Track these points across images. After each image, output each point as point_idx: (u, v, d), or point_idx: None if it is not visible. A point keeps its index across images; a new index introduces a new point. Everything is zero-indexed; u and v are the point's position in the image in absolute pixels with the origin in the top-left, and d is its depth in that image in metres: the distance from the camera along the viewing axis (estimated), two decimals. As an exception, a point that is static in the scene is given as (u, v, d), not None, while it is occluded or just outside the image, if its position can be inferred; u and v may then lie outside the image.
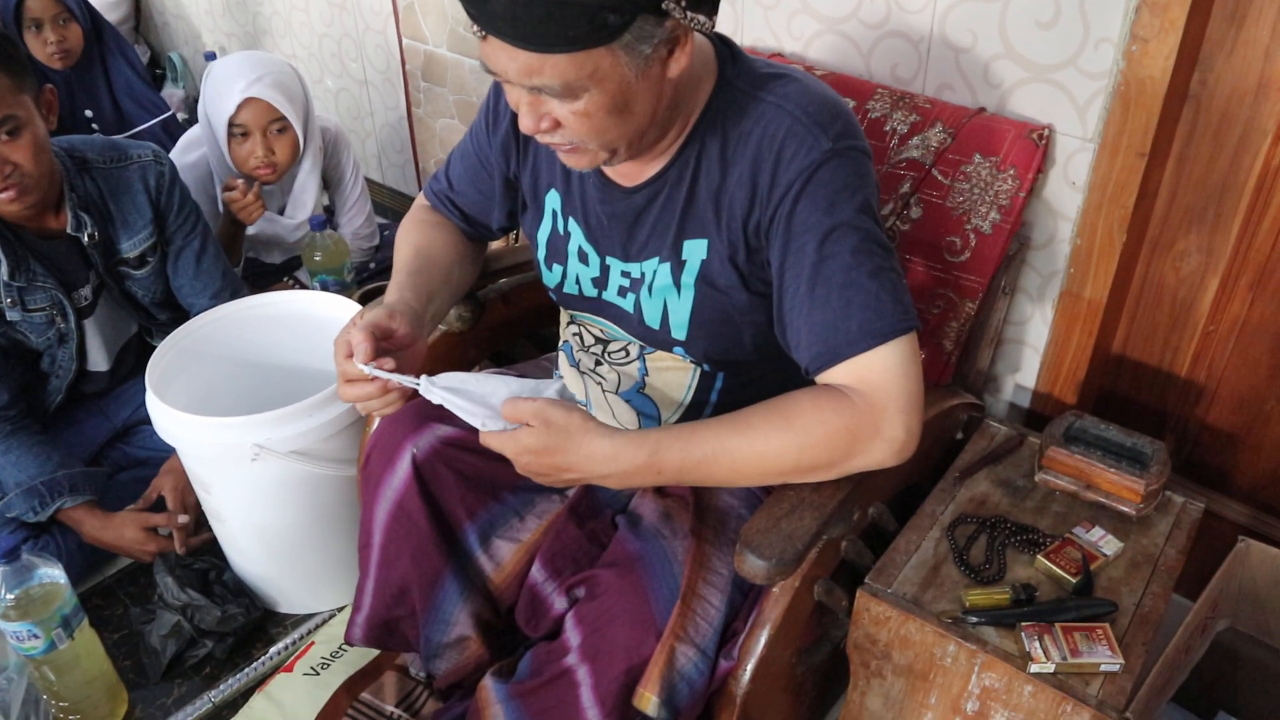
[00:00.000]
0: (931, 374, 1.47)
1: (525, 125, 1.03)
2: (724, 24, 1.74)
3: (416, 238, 1.36)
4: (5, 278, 1.67)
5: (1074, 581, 1.25)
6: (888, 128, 1.49)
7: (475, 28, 0.97)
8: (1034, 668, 1.16)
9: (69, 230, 1.70)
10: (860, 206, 1.06)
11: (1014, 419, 1.69)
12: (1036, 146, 1.40)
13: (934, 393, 1.45)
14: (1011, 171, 1.40)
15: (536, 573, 1.29)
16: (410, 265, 1.29)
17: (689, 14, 0.97)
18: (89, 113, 2.75)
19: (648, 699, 1.11)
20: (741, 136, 1.10)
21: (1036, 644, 1.17)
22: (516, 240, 1.64)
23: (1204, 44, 1.34)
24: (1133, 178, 1.39)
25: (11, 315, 1.70)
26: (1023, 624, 1.20)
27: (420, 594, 1.33)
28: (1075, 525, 1.35)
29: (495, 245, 1.63)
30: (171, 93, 3.23)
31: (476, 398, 1.07)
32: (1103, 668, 1.16)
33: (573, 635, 1.17)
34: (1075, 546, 1.30)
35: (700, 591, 1.15)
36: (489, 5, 0.92)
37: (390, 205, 2.80)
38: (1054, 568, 1.28)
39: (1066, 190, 1.46)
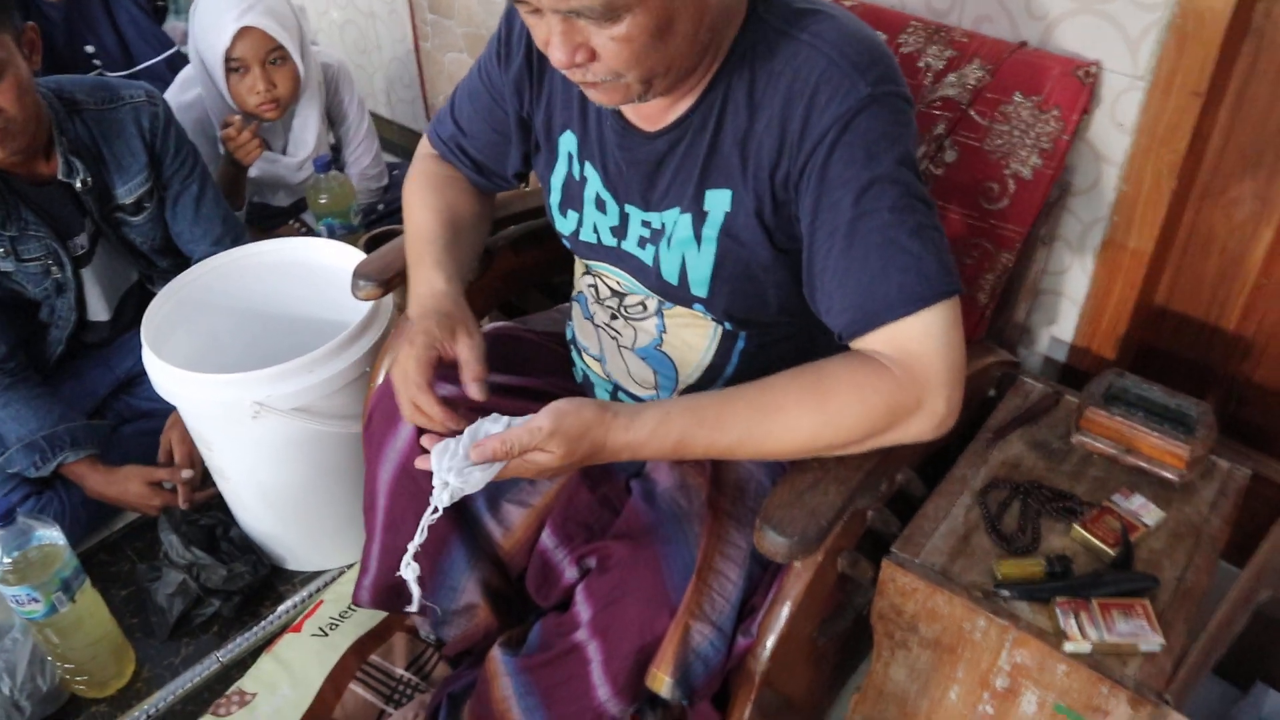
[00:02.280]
0: (965, 328, 1.39)
1: (558, 59, 0.94)
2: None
3: (435, 200, 1.28)
4: (-4, 227, 1.61)
5: (1112, 554, 1.19)
6: (921, 63, 1.39)
7: None
8: (1069, 646, 1.09)
9: (60, 176, 1.64)
10: (900, 158, 0.98)
11: (1049, 374, 1.61)
12: (1082, 85, 1.30)
13: (968, 349, 1.37)
14: (1055, 112, 1.30)
15: (547, 539, 1.24)
16: (440, 236, 1.23)
17: None
18: (90, 47, 2.64)
19: (661, 679, 1.06)
20: (771, 77, 1.00)
21: (1072, 621, 1.11)
22: (527, 184, 1.56)
23: (1271, -29, 1.23)
24: (1185, 119, 1.29)
25: (4, 265, 1.65)
26: (1057, 599, 1.13)
27: (426, 560, 1.27)
28: (1114, 492, 1.28)
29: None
30: (174, 25, 3.11)
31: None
32: (1142, 647, 1.09)
33: (583, 609, 1.12)
34: (1114, 515, 1.23)
35: (717, 566, 1.10)
36: None
37: (399, 141, 2.71)
38: (1091, 538, 1.21)
39: (1113, 132, 1.36)
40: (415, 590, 1.08)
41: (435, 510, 1.03)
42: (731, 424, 0.99)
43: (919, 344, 0.97)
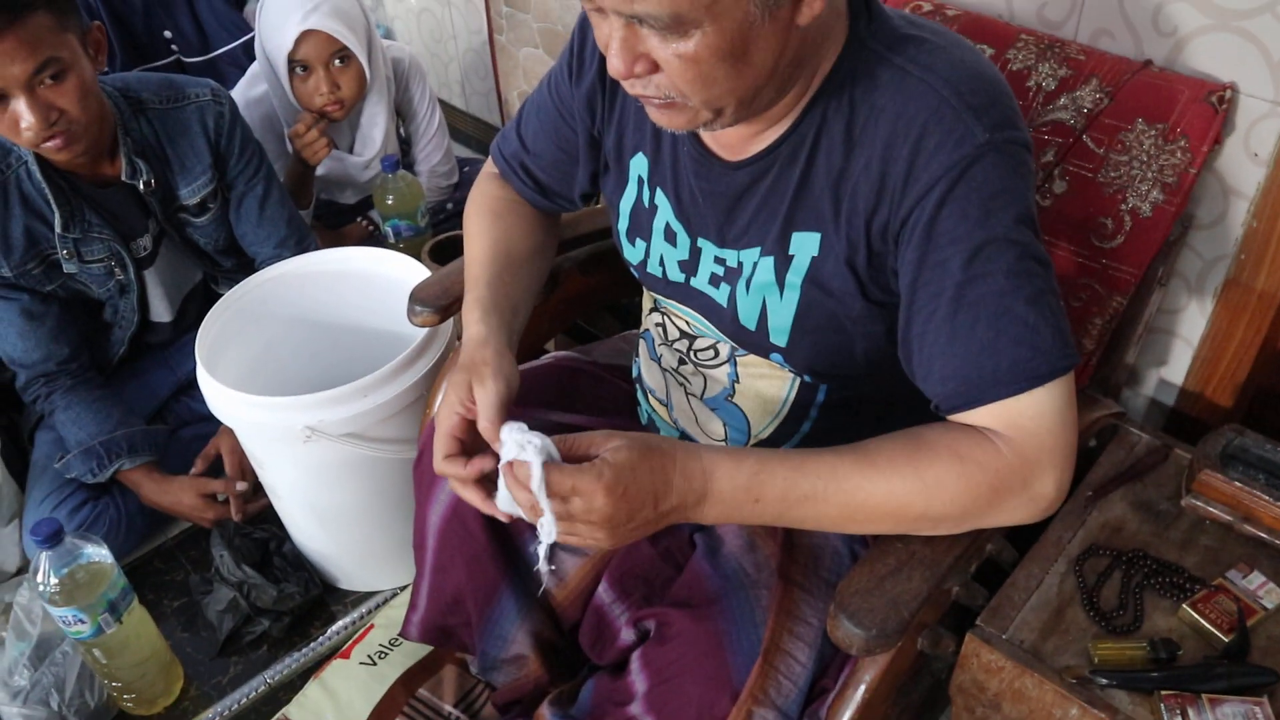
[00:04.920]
0: (1066, 377, 1.28)
1: (615, 67, 0.84)
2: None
3: (492, 229, 1.19)
4: (59, 229, 1.58)
5: (1226, 640, 1.07)
6: (1031, 83, 1.26)
7: None
8: (1175, 749, 0.98)
9: (124, 177, 1.60)
10: (1020, 215, 0.87)
11: (1155, 419, 1.48)
12: (1215, 112, 1.16)
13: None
14: (1182, 143, 1.17)
15: (604, 592, 1.16)
16: (488, 270, 1.14)
17: None
18: (168, 33, 2.62)
19: (720, 766, 0.98)
20: (873, 112, 0.89)
21: (1178, 718, 1.00)
22: (597, 202, 1.47)
23: None
24: (1332, 152, 1.15)
25: (69, 267, 1.62)
26: (1162, 691, 1.02)
27: (475, 606, 1.22)
28: (1229, 566, 1.15)
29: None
30: (252, 10, 3.10)
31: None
32: (1260, 755, 0.98)
33: (639, 680, 1.04)
34: (1229, 595, 1.11)
35: (785, 646, 1.01)
36: None
37: (474, 134, 2.65)
38: (1202, 621, 1.09)
39: (1245, 163, 1.22)
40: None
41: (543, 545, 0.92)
42: (814, 468, 0.89)
43: (1031, 421, 0.87)
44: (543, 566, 0.93)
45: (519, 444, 0.88)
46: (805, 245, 0.96)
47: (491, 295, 1.11)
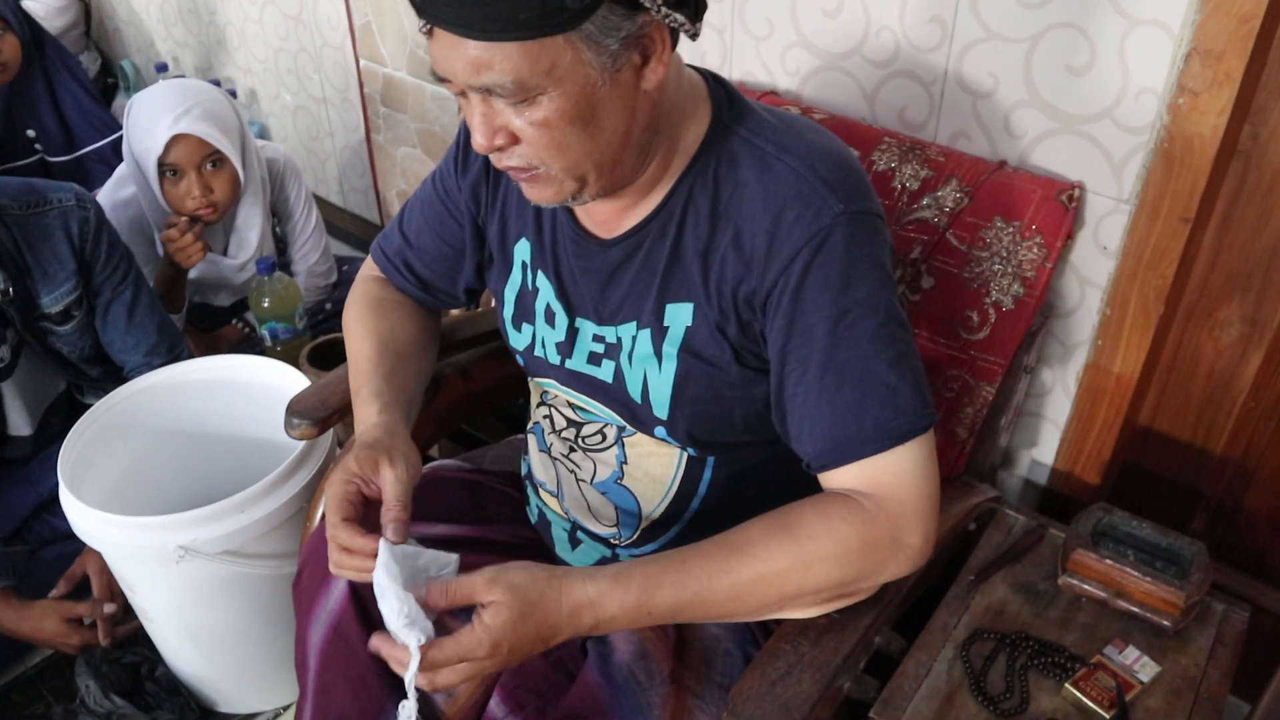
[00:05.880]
0: (943, 464, 1.30)
1: (478, 142, 0.89)
2: (711, 56, 1.57)
3: (377, 325, 1.19)
4: (-95, 341, 1.49)
5: (1107, 716, 1.10)
6: (896, 183, 1.32)
7: (422, 23, 0.85)
8: (1067, 834, 1.00)
9: (-21, 287, 1.53)
10: (879, 281, 0.93)
11: (1030, 498, 1.53)
12: (1066, 210, 1.23)
13: (949, 489, 1.28)
14: (1038, 239, 1.23)
15: (495, 706, 1.13)
16: (380, 364, 1.14)
17: (663, 8, 0.84)
18: (31, 132, 2.55)
19: None
20: (737, 187, 0.95)
21: (1069, 800, 1.02)
22: (477, 305, 1.47)
23: (1258, 92, 1.18)
24: (1174, 244, 1.23)
25: (-84, 381, 1.53)
26: (1053, 774, 1.04)
27: (359, 727, 1.17)
28: (1106, 642, 1.19)
29: (452, 313, 1.46)
30: (124, 103, 3.03)
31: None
32: (1146, 832, 1.00)
33: (532, 796, 1.01)
34: (1108, 672, 1.15)
35: (681, 754, 0.99)
36: None
37: (353, 231, 2.62)
38: (1084, 699, 1.12)
39: (1097, 255, 1.29)
40: None
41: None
42: (696, 566, 0.92)
43: (894, 478, 0.93)
44: None
45: (404, 617, 0.88)
46: (679, 316, 1.00)
47: (389, 389, 1.11)
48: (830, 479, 0.95)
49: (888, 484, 0.93)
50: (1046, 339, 1.38)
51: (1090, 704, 1.11)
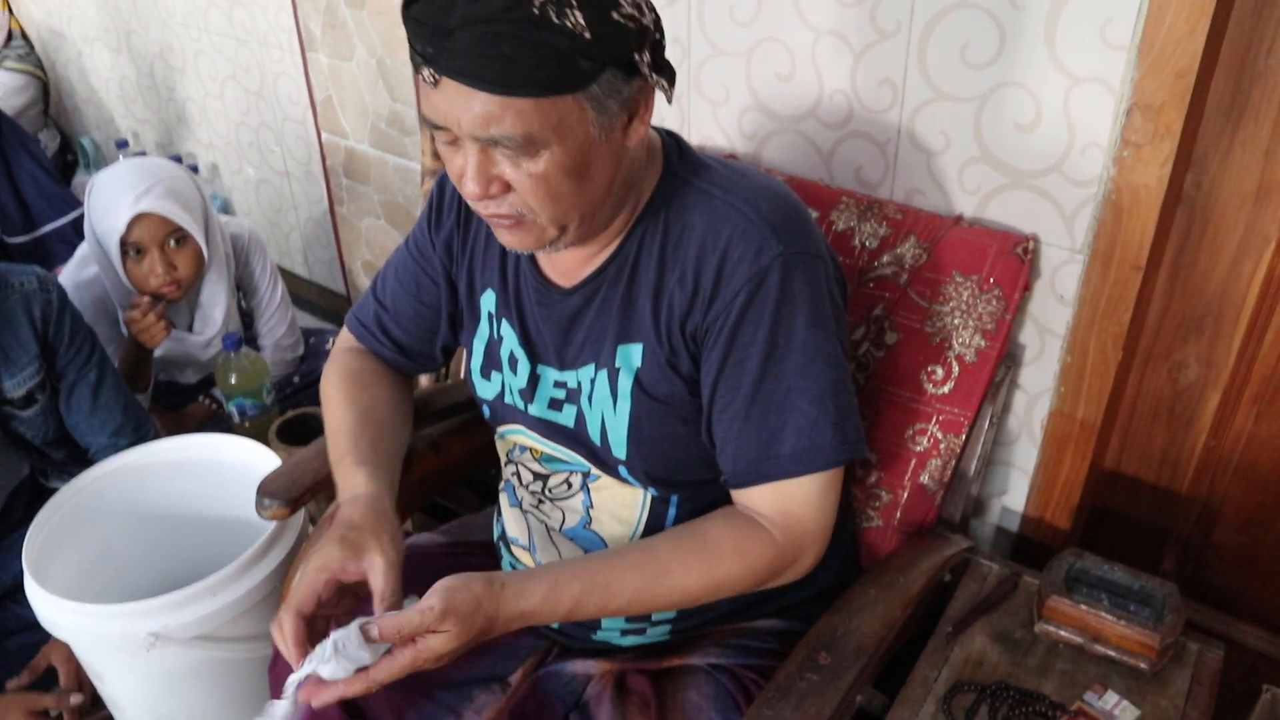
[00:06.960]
0: (915, 516, 1.32)
1: (470, 190, 0.91)
2: (669, 121, 1.59)
3: (358, 394, 1.21)
4: None
5: (1092, 764, 1.10)
6: (856, 242, 1.34)
7: (427, 72, 0.86)
8: None
9: (-61, 374, 1.51)
10: (811, 318, 0.98)
11: (1002, 545, 1.55)
12: (1022, 261, 1.26)
13: (923, 542, 1.30)
14: (997, 291, 1.26)
15: (475, 784, 1.12)
16: (365, 432, 1.15)
17: (654, 75, 0.91)
18: (-12, 213, 2.54)
19: None
20: (685, 231, 1.00)
21: None
22: (447, 377, 1.48)
23: (1198, 142, 1.22)
24: (1128, 291, 1.26)
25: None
26: (1039, 826, 1.04)
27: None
28: (1086, 688, 1.20)
29: (422, 387, 1.46)
30: (84, 180, 3.03)
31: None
32: None
33: None
34: (1089, 718, 1.15)
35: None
36: (449, 41, 0.83)
37: (319, 303, 2.62)
38: (1068, 748, 1.12)
39: (1054, 304, 1.32)
40: None
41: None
42: (620, 590, 0.99)
43: (800, 507, 1.01)
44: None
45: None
46: (630, 356, 1.04)
47: (376, 456, 1.12)
48: (744, 495, 1.03)
49: (794, 513, 1.01)
50: (1010, 388, 1.40)
51: (1073, 753, 1.11)
